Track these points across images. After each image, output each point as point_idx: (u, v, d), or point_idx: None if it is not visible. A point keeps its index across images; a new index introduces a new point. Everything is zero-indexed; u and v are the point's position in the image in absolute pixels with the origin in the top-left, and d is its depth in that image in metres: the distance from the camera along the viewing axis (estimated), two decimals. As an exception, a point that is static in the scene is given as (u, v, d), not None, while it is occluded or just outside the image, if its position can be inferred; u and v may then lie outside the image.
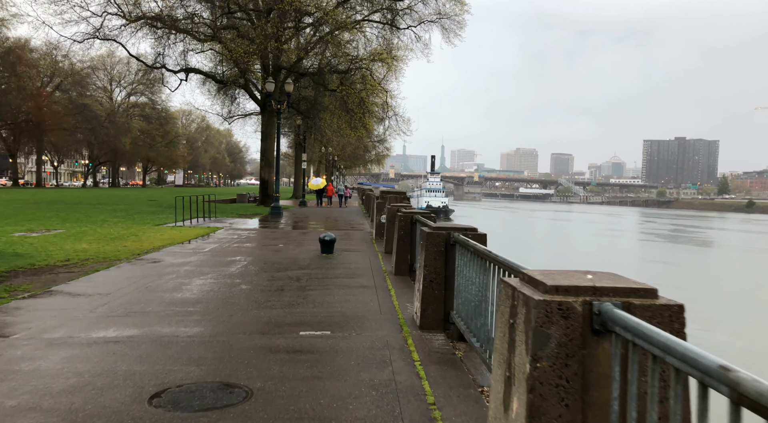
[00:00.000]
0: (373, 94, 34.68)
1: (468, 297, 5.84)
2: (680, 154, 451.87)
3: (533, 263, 14.90)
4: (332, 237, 13.62)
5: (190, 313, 7.41)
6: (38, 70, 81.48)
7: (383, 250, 14.50)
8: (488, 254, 4.98)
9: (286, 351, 5.78)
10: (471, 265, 5.76)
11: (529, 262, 4.11)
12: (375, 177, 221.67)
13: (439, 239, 6.76)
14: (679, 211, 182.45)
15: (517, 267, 4.06)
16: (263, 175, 37.70)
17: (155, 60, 33.74)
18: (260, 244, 16.06)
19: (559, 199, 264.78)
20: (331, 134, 47.14)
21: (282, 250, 14.66)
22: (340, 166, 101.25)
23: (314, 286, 9.53)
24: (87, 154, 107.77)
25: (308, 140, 50.19)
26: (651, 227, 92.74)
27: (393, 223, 13.25)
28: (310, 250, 14.53)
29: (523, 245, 51.68)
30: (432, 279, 6.76)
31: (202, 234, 18.25)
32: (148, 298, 8.28)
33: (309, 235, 18.85)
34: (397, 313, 7.69)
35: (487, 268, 5.14)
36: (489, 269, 5.09)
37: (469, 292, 5.81)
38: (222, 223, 23.20)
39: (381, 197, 18.75)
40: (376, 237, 17.96)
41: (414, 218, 10.69)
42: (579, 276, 2.88)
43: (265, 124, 37.41)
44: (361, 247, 15.53)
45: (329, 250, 13.61)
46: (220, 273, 10.70)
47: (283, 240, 17.14)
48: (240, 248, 14.77)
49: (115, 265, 11.49)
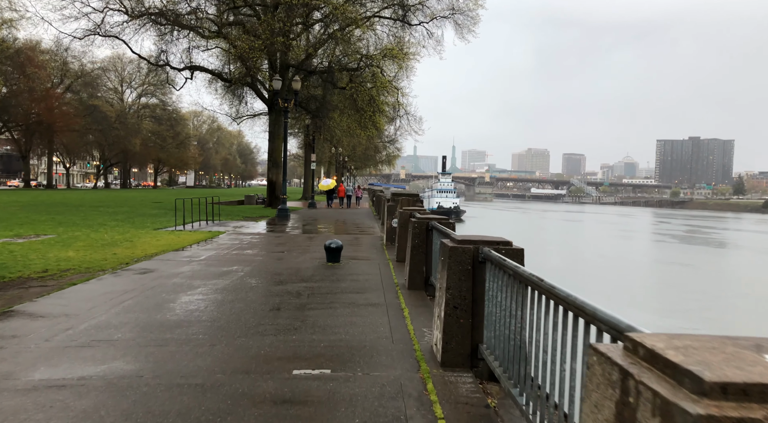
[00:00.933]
0: (383, 92, 33.37)
1: (504, 331, 4.58)
2: (694, 154, 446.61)
3: (546, 266, 13.16)
4: (339, 244, 12.38)
5: (164, 342, 6.19)
6: (48, 71, 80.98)
7: (395, 257, 13.25)
8: (537, 282, 3.72)
9: (272, 401, 4.54)
10: (508, 290, 4.50)
11: (541, 264, 3.00)
12: (386, 178, 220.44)
13: (465, 255, 5.49)
14: (694, 212, 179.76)
15: (605, 316, 2.65)
16: (271, 176, 36.58)
17: (158, 57, 32.62)
18: (262, 250, 14.86)
19: (571, 199, 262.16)
20: (341, 134, 45.91)
21: (284, 257, 13.44)
22: (350, 167, 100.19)
23: (316, 304, 8.30)
24: (98, 156, 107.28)
25: (317, 140, 49.04)
26: (665, 228, 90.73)
27: (406, 228, 12.00)
28: (315, 258, 13.30)
29: (537, 247, 50.22)
30: (456, 304, 5.50)
31: (202, 239, 17.11)
32: (120, 321, 7.08)
33: (315, 240, 17.64)
34: (412, 341, 6.44)
35: (534, 299, 3.89)
36: (536, 301, 3.83)
37: (505, 325, 4.55)
38: (225, 226, 22.07)
39: (392, 199, 17.46)
40: (387, 243, 16.71)
41: (430, 225, 9.44)
42: (753, 359, 1.62)
43: (272, 124, 36.28)
44: (371, 255, 14.29)
45: (335, 259, 12.38)
46: (212, 287, 9.49)
47: (287, 246, 15.94)
48: (239, 256, 13.57)
49: (97, 276, 10.32)
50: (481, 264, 5.45)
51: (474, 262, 5.49)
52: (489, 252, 5.17)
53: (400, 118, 38.60)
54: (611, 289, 28.47)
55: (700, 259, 47.44)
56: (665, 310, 24.73)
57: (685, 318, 23.46)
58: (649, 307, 24.91)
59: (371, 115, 32.92)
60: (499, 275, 4.83)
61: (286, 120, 28.68)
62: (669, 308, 25.36)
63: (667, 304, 26.50)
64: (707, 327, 21.50)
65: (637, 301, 26.09)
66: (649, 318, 21.37)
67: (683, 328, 20.84)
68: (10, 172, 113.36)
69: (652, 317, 22.12)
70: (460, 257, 5.49)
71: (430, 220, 9.54)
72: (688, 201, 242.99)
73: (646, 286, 32.79)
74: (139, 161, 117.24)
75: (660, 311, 24.38)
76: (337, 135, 49.21)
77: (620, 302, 24.02)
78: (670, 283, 33.83)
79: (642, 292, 29.93)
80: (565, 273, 32.34)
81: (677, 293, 29.92)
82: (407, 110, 38.87)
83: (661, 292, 30.79)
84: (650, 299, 27.76)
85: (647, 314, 22.83)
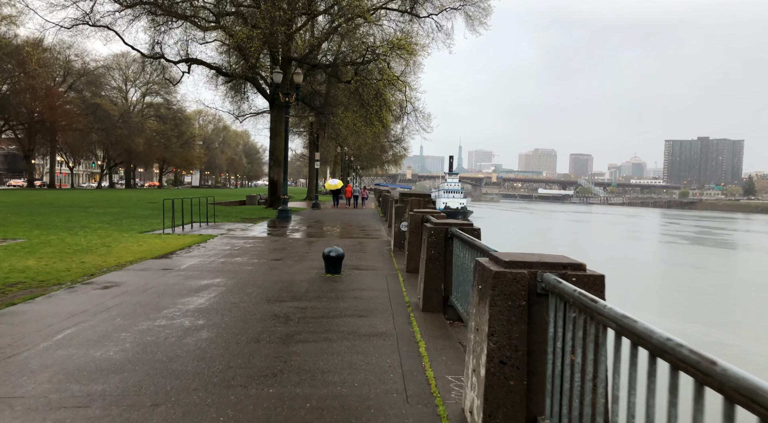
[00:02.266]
0: (390, 88, 31.42)
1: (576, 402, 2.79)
2: (703, 155, 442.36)
3: None
4: (339, 252, 10.60)
5: (87, 401, 4.42)
6: (49, 69, 79.60)
7: (404, 267, 11.47)
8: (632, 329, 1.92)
9: None
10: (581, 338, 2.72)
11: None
12: (392, 178, 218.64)
13: (518, 285, 3.69)
14: (703, 213, 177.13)
15: None
16: (272, 175, 34.84)
17: (152, 48, 30.76)
18: (253, 258, 13.10)
19: (578, 199, 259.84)
20: (346, 132, 44.03)
21: (277, 267, 11.68)
22: (356, 167, 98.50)
23: (307, 334, 6.53)
24: (102, 155, 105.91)
25: (321, 139, 47.30)
26: (675, 229, 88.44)
27: (418, 235, 10.22)
28: (312, 267, 11.54)
29: (547, 248, 48.68)
30: (504, 358, 3.69)
31: (190, 243, 15.39)
32: (41, 363, 5.31)
33: (315, 245, 15.89)
34: (434, 398, 4.64)
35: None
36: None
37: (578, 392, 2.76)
38: (219, 229, 20.36)
39: (401, 201, 15.65)
40: (395, 248, 14.91)
41: (450, 232, 7.65)
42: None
43: (274, 121, 34.52)
44: (377, 264, 12.50)
45: (336, 269, 10.60)
46: (180, 309, 7.72)
47: (283, 252, 14.18)
48: (226, 265, 11.81)
49: (48, 293, 8.58)
50: (540, 297, 3.66)
51: (530, 295, 3.70)
52: (553, 279, 3.40)
53: (407, 115, 36.69)
54: (635, 293, 26.73)
55: (711, 261, 45.70)
56: (680, 314, 22.98)
57: (706, 322, 21.70)
58: (673, 313, 23.20)
59: (377, 111, 31.03)
60: (572, 317, 3.07)
61: (287, 116, 26.99)
62: (686, 313, 23.59)
63: (684, 308, 24.76)
64: (729, 334, 19.78)
65: (670, 312, 24.38)
66: (671, 324, 19.65)
67: (702, 332, 19.29)
68: (15, 171, 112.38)
69: (672, 322, 20.36)
70: (510, 287, 3.69)
71: (449, 227, 7.74)
72: (698, 202, 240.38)
73: (670, 291, 31.00)
74: (143, 161, 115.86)
75: (676, 316, 22.66)
76: (342, 133, 47.48)
77: (652, 308, 22.27)
78: (685, 287, 32.11)
79: (673, 298, 28.15)
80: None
81: (693, 297, 28.28)
82: (415, 106, 37.04)
83: (681, 296, 29.06)
84: (674, 303, 26.06)
85: (677, 322, 21.06)
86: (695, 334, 19.16)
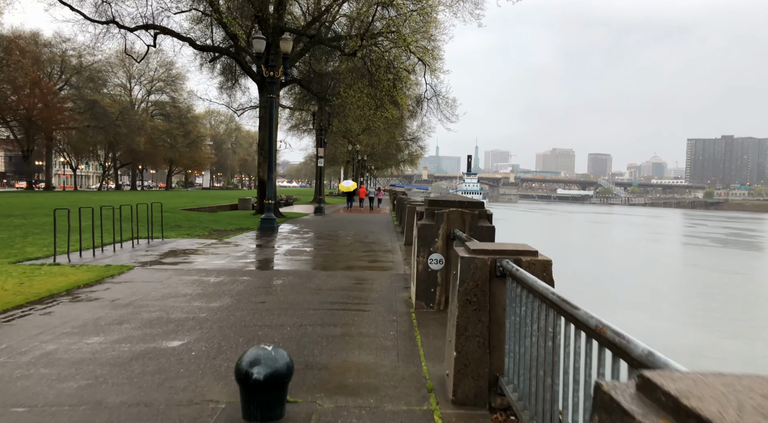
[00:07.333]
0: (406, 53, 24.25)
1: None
2: (727, 153, 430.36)
3: (584, 272, 19.60)
4: (277, 368, 3.96)
5: None
6: (39, 61, 74.19)
7: (453, 366, 4.84)
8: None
9: None
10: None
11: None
12: (408, 178, 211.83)
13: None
14: (730, 214, 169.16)
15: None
16: (261, 174, 28.33)
17: (98, 10, 24.07)
18: (119, 342, 6.59)
19: (599, 200, 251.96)
20: (352, 122, 37.16)
21: (138, 378, 5.12)
22: (370, 167, 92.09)
23: None
24: (104, 155, 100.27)
25: (328, 133, 40.75)
26: (703, 231, 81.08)
27: (483, 295, 3.59)
28: (226, 376, 4.93)
29: (573, 252, 42.92)
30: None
31: (64, 288, 8.97)
32: None
33: (274, 293, 9.34)
34: None
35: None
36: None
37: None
38: (157, 250, 13.93)
39: (429, 213, 8.48)
40: (420, 302, 8.10)
41: None
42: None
43: (263, 107, 28.04)
44: (383, 357, 5.75)
45: (269, 409, 3.98)
46: None
47: (191, 333, 7.64)
48: (32, 373, 5.30)
49: None
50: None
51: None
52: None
53: (427, 101, 29.93)
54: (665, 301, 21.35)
55: (751, 266, 40.37)
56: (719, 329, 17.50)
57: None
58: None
59: (389, 89, 24.13)
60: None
61: (270, 95, 20.60)
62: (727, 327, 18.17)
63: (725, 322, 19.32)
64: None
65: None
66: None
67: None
68: (22, 173, 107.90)
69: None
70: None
71: None
72: (723, 202, 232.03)
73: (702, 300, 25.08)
74: (149, 161, 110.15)
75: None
76: (352, 128, 41.01)
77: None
78: (724, 296, 26.15)
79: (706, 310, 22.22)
80: (610, 281, 28.73)
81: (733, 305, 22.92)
82: (436, 91, 30.29)
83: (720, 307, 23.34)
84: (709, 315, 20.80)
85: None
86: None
